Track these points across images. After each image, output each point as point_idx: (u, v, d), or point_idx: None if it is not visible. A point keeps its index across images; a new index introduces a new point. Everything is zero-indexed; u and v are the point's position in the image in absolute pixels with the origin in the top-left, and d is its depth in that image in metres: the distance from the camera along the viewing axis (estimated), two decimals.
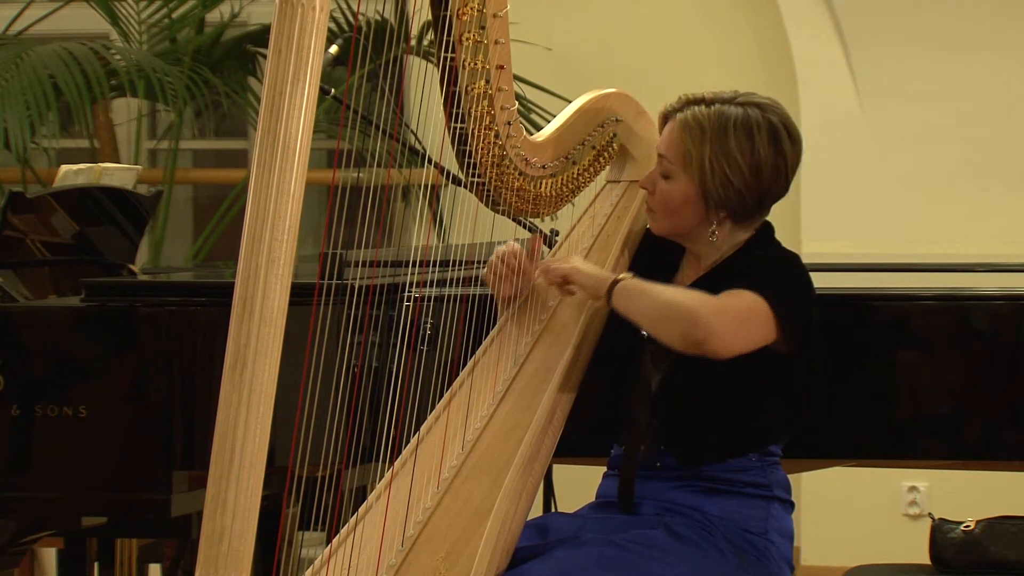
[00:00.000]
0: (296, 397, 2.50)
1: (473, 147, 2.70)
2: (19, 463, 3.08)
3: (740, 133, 2.66)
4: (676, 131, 2.70)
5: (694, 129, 2.67)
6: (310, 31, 2.02)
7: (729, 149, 2.66)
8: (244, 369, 2.01)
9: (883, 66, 5.51)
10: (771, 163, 2.68)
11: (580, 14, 5.85)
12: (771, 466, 2.71)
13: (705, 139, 2.66)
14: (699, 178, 2.68)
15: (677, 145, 2.69)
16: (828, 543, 5.50)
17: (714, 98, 2.70)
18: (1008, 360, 3.01)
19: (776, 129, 2.68)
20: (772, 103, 2.72)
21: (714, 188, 2.67)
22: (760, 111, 2.68)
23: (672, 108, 2.73)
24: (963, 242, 5.32)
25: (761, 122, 2.67)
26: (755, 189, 2.69)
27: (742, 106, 2.68)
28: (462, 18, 2.61)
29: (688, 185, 2.69)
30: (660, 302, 2.63)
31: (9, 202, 3.52)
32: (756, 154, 2.67)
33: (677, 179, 2.70)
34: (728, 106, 2.68)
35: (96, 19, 5.72)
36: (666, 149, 2.71)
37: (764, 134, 2.67)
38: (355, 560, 2.48)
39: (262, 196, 2.02)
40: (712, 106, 2.68)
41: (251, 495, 2.03)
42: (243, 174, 5.75)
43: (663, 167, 2.72)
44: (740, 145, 2.66)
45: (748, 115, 2.67)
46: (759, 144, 2.67)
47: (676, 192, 2.71)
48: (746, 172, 2.67)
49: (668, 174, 2.71)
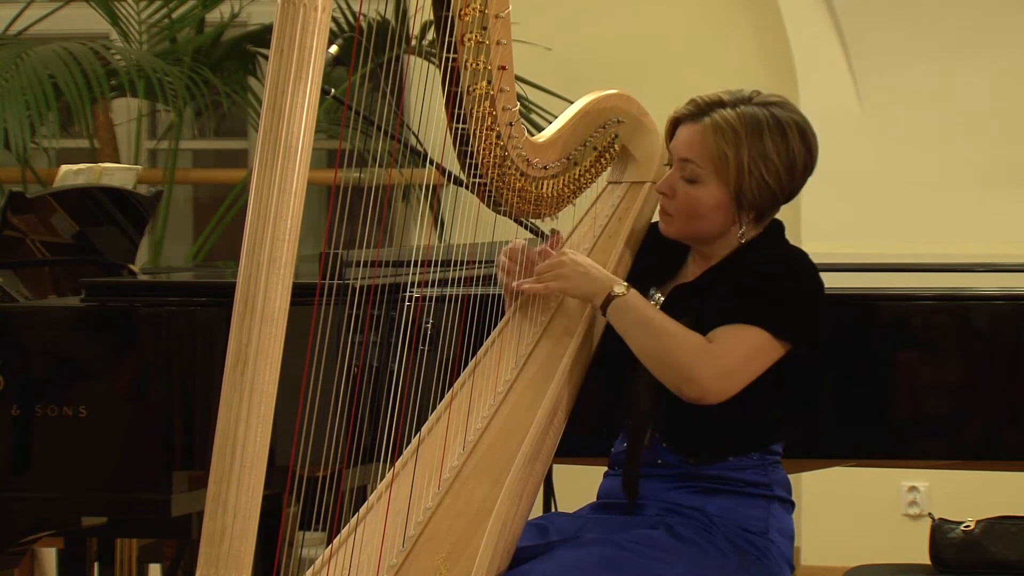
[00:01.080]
0: (297, 397, 2.49)
1: (474, 148, 2.69)
2: (19, 463, 3.08)
3: (775, 134, 2.67)
4: (705, 135, 2.67)
5: (727, 132, 2.65)
6: (312, 31, 2.02)
7: (766, 150, 2.66)
8: (245, 369, 2.01)
9: (883, 66, 5.51)
10: (802, 161, 2.70)
11: (580, 14, 5.85)
12: (772, 465, 2.71)
13: (741, 141, 2.65)
14: (735, 181, 2.66)
15: (708, 149, 2.67)
16: (828, 543, 5.50)
17: (733, 100, 2.69)
18: (1008, 360, 3.01)
19: (803, 127, 2.70)
20: (786, 101, 2.73)
21: (750, 190, 2.67)
22: (783, 110, 2.69)
23: (687, 112, 2.71)
24: (963, 242, 5.32)
25: (790, 121, 2.68)
26: (787, 188, 2.70)
27: (763, 106, 2.68)
28: (464, 19, 2.60)
29: (718, 189, 2.68)
30: (658, 343, 2.63)
31: (9, 202, 3.52)
32: (791, 153, 2.68)
33: (706, 183, 2.68)
34: (752, 107, 2.68)
35: (96, 19, 5.72)
36: (693, 153, 2.68)
37: (795, 133, 2.69)
38: (356, 560, 2.48)
39: (264, 196, 2.02)
40: (736, 108, 2.67)
41: (252, 495, 2.03)
42: (243, 174, 5.75)
43: (688, 172, 2.69)
44: (776, 145, 2.67)
45: (776, 115, 2.68)
46: (792, 143, 2.68)
47: (705, 197, 2.69)
48: (782, 172, 2.67)
49: (695, 178, 2.69)
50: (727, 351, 2.61)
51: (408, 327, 2.66)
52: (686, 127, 2.71)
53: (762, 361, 2.62)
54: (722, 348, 2.61)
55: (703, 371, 2.60)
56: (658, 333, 2.64)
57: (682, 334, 2.64)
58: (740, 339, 2.62)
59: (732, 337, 2.62)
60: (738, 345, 2.61)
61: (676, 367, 2.62)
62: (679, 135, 2.72)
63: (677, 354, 2.62)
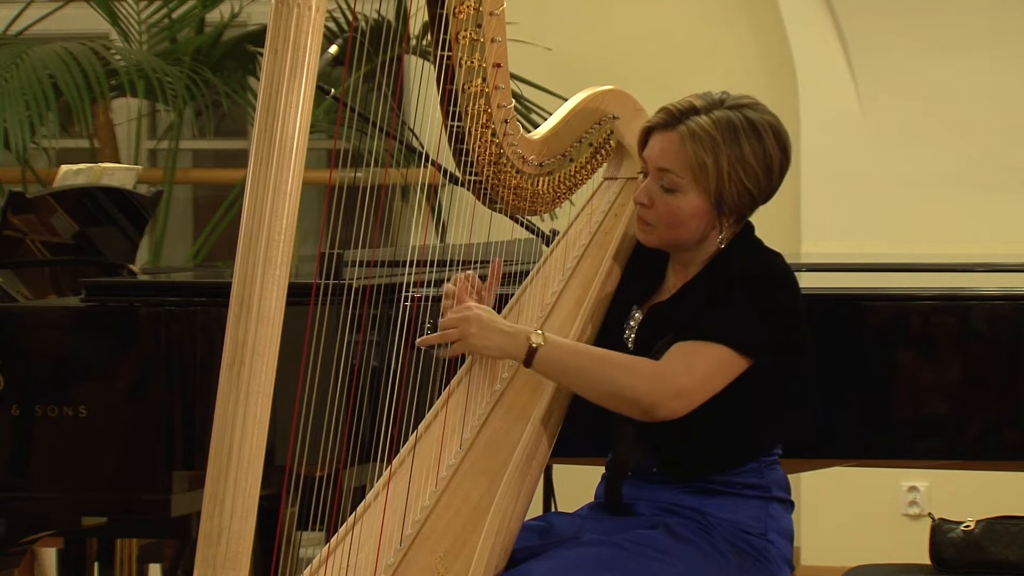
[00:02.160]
0: (294, 397, 2.50)
1: (470, 145, 2.69)
2: (19, 463, 3.08)
3: (751, 137, 2.65)
4: (681, 143, 2.65)
5: (704, 139, 2.63)
6: (306, 31, 2.02)
7: (744, 154, 2.64)
8: (242, 368, 2.01)
9: (883, 66, 5.51)
10: (779, 162, 2.68)
11: (580, 14, 5.85)
12: (769, 466, 2.70)
13: (719, 148, 2.63)
14: (715, 187, 2.64)
15: (686, 157, 2.64)
16: (828, 543, 5.49)
17: (705, 105, 2.67)
18: (1008, 360, 3.01)
19: (777, 127, 2.68)
20: (757, 102, 2.71)
21: (730, 195, 2.65)
22: (755, 112, 2.67)
23: (659, 121, 2.68)
24: (963, 242, 5.32)
25: (764, 123, 2.67)
26: (766, 189, 2.69)
27: (736, 109, 2.66)
28: (458, 16, 2.60)
29: (698, 197, 2.66)
30: (601, 380, 2.61)
31: (9, 202, 3.52)
32: (768, 155, 2.66)
33: (686, 192, 2.66)
34: (725, 111, 2.66)
35: (96, 19, 5.72)
36: (670, 162, 2.66)
37: (770, 134, 2.67)
38: (353, 559, 2.48)
39: (259, 195, 2.02)
40: (711, 114, 2.65)
41: (249, 495, 2.03)
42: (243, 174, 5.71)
43: (667, 181, 2.67)
44: (753, 149, 2.65)
45: (750, 118, 2.66)
46: (768, 145, 2.66)
47: (685, 205, 2.67)
48: (760, 174, 2.66)
49: (674, 187, 2.66)
50: (684, 370, 2.59)
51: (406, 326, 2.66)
52: (660, 136, 2.68)
53: (724, 377, 2.60)
54: (677, 367, 2.60)
55: (660, 395, 2.58)
56: (602, 370, 2.62)
57: (628, 364, 2.63)
58: (698, 356, 2.60)
59: (689, 355, 2.60)
60: (696, 362, 2.59)
61: (632, 401, 2.60)
62: (652, 144, 2.69)
63: (629, 387, 2.60)
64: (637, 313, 2.77)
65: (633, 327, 2.75)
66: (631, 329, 2.76)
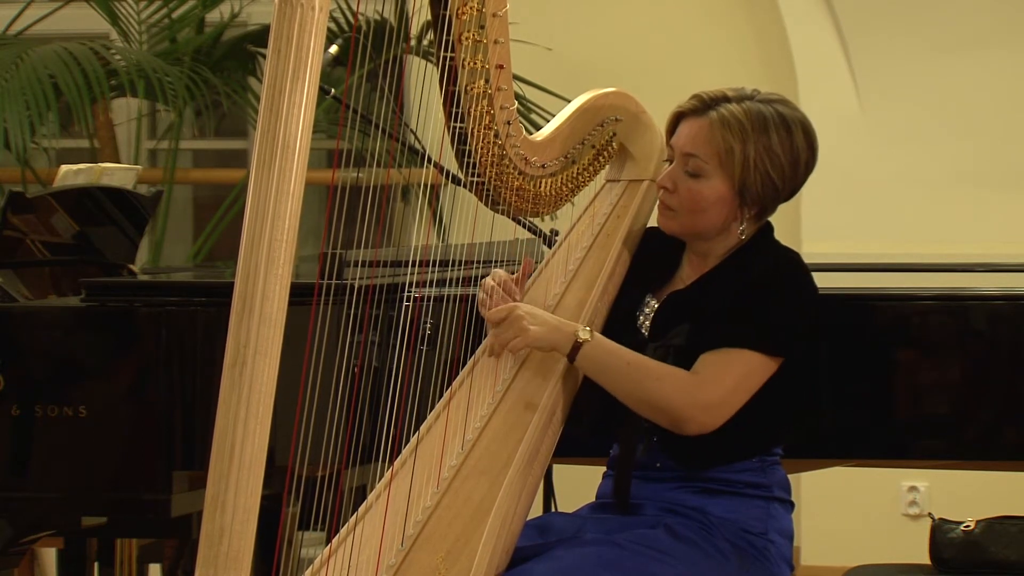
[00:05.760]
0: (296, 397, 2.50)
1: (472, 146, 2.69)
2: (19, 463, 3.08)
3: (781, 130, 2.67)
4: (711, 129, 2.67)
5: (734, 126, 2.66)
6: (309, 31, 2.02)
7: (772, 145, 2.66)
8: (244, 368, 2.01)
9: (883, 66, 5.52)
10: (805, 158, 2.71)
11: (580, 14, 5.85)
12: (771, 466, 2.71)
13: (748, 136, 2.65)
14: (740, 175, 2.66)
15: (715, 143, 2.67)
16: (828, 543, 5.49)
17: (737, 95, 2.69)
18: (1008, 360, 3.01)
19: (806, 125, 2.71)
20: (787, 100, 2.74)
21: (754, 184, 2.67)
22: (786, 108, 2.70)
23: (691, 107, 2.71)
24: (963, 242, 5.32)
25: (794, 119, 2.69)
26: (790, 184, 2.71)
27: (767, 103, 2.69)
28: (461, 17, 2.61)
29: (722, 183, 2.68)
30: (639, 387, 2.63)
31: (9, 202, 3.52)
32: (795, 149, 2.68)
33: (710, 177, 2.68)
34: (756, 103, 2.69)
35: (96, 19, 5.72)
36: (698, 147, 2.68)
37: (800, 130, 2.70)
38: (355, 559, 2.48)
39: (262, 195, 2.02)
40: (742, 103, 2.68)
41: (251, 495, 2.03)
42: (243, 174, 5.75)
43: (692, 166, 2.69)
44: (781, 141, 2.67)
45: (781, 112, 2.69)
46: (797, 140, 2.69)
47: (708, 191, 2.69)
48: (786, 167, 2.68)
49: (699, 172, 2.69)
50: (714, 381, 2.61)
51: (407, 326, 2.66)
52: (690, 121, 2.71)
53: (755, 382, 2.63)
54: (708, 379, 2.61)
55: (691, 409, 2.60)
56: (637, 377, 2.64)
57: (663, 374, 2.64)
58: (728, 365, 2.62)
59: (719, 365, 2.62)
60: (726, 373, 2.61)
61: (663, 411, 2.62)
62: (682, 129, 2.72)
63: (661, 397, 2.62)
64: (652, 301, 2.78)
65: (648, 314, 2.76)
66: (646, 316, 2.76)
